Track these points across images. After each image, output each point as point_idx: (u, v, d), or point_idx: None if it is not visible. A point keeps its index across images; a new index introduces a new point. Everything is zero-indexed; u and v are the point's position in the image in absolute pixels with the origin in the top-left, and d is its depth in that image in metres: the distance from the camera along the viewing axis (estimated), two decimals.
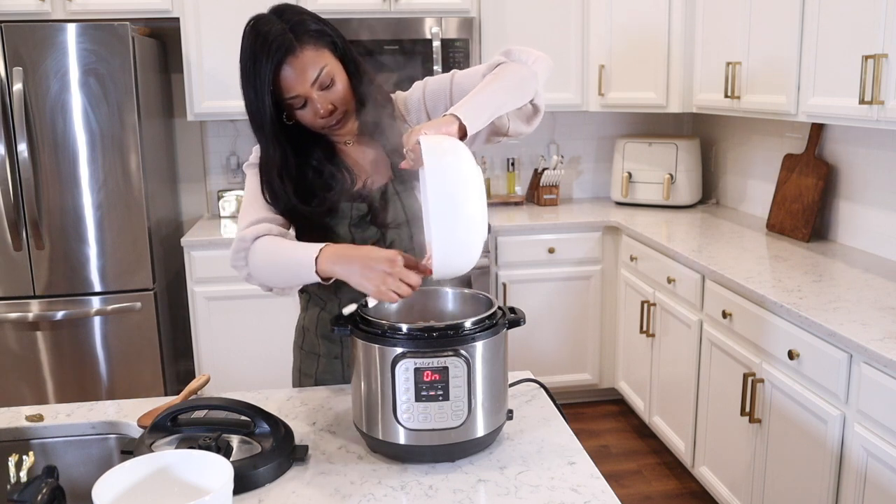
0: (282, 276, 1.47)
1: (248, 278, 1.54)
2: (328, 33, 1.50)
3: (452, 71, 1.63)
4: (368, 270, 1.32)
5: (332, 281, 1.40)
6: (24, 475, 1.15)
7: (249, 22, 1.48)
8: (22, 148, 3.07)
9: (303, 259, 1.39)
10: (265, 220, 1.54)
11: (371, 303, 1.35)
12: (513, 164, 4.17)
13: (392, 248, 1.48)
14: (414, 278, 1.32)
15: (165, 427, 1.36)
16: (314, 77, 1.46)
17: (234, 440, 1.34)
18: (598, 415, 3.78)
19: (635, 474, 3.21)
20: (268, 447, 1.31)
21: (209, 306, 3.46)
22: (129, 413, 1.55)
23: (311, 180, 1.56)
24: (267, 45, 1.43)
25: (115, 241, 3.24)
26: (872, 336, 1.95)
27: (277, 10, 1.49)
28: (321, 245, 1.39)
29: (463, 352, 1.29)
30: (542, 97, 1.55)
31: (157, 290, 3.36)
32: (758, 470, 2.45)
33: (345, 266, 1.35)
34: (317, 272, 1.38)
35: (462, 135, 1.33)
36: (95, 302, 3.27)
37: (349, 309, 1.35)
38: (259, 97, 1.46)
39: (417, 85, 1.66)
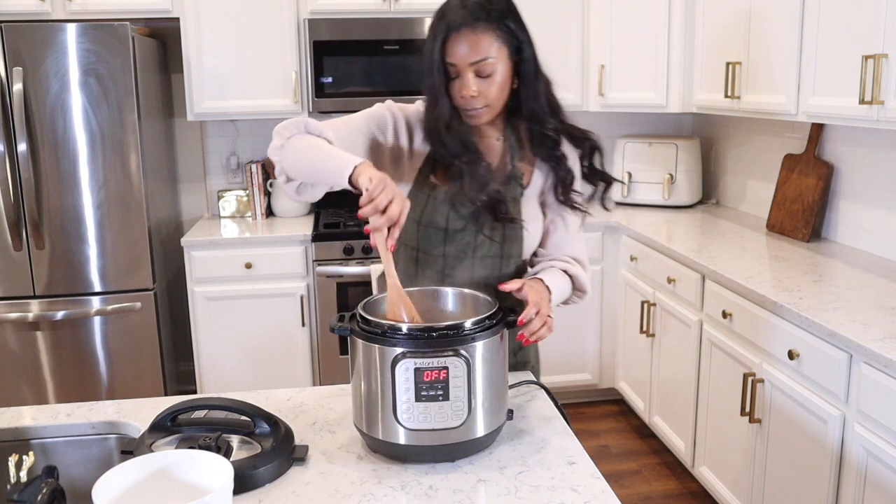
0: (314, 164, 1.46)
1: (279, 151, 1.52)
2: (518, 38, 1.53)
3: None
4: (382, 180, 1.31)
5: (347, 182, 1.40)
6: (24, 475, 1.15)
7: None
8: (22, 148, 3.07)
9: (346, 159, 1.41)
10: (342, 137, 1.54)
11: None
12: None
13: (481, 246, 1.60)
14: (396, 210, 1.31)
15: (165, 427, 1.36)
16: (474, 60, 1.50)
17: (234, 440, 1.34)
18: (598, 415, 3.78)
19: (635, 474, 3.21)
20: (268, 447, 1.31)
21: (209, 306, 3.46)
22: (129, 413, 1.55)
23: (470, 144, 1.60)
24: (459, 8, 1.50)
25: (115, 241, 3.24)
26: (872, 336, 1.95)
27: None
28: (363, 159, 1.42)
29: (463, 352, 1.29)
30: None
31: (157, 290, 3.36)
32: (758, 470, 2.45)
33: (374, 171, 1.35)
34: (352, 173, 1.37)
35: None
36: (95, 302, 3.27)
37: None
38: (433, 49, 1.52)
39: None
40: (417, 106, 1.65)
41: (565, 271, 1.68)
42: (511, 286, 1.49)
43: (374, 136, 1.61)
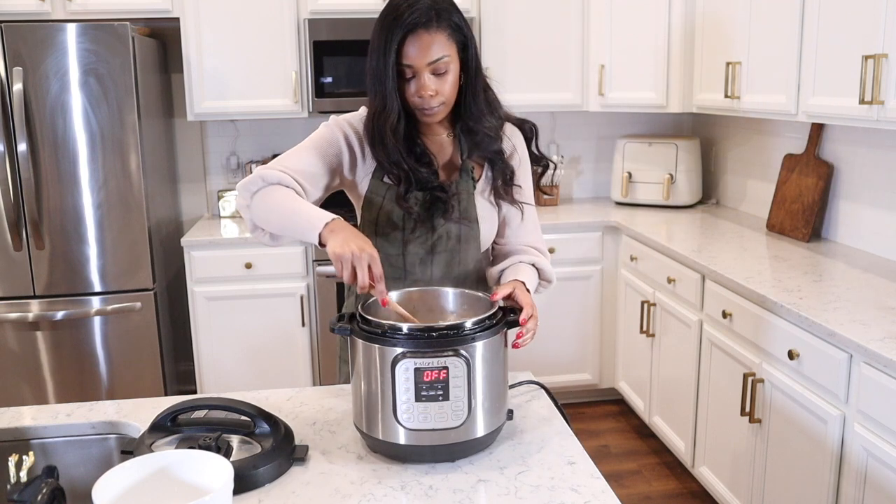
0: (285, 225, 1.50)
1: (246, 210, 1.55)
2: (465, 34, 1.58)
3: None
4: (337, 258, 1.35)
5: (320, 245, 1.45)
6: (24, 475, 1.15)
7: None
8: (22, 148, 3.07)
9: (313, 222, 1.43)
10: (299, 174, 1.56)
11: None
12: None
13: (438, 243, 1.61)
14: (363, 278, 1.35)
15: (165, 427, 1.36)
16: (433, 59, 1.53)
17: (234, 440, 1.34)
18: (598, 415, 3.78)
19: (635, 474, 3.21)
20: (268, 447, 1.31)
21: (209, 306, 3.46)
22: (129, 413, 1.55)
23: (417, 149, 1.63)
24: (410, 11, 1.52)
25: (115, 241, 3.24)
26: (872, 336, 1.95)
27: None
28: (335, 216, 1.44)
29: (463, 352, 1.29)
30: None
31: (157, 290, 3.36)
32: (758, 470, 2.45)
33: (335, 239, 1.38)
34: (320, 234, 1.41)
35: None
36: (95, 302, 3.27)
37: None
38: (386, 53, 1.54)
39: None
40: (361, 113, 1.67)
41: (533, 265, 1.71)
42: (503, 292, 1.49)
43: (333, 158, 1.63)
